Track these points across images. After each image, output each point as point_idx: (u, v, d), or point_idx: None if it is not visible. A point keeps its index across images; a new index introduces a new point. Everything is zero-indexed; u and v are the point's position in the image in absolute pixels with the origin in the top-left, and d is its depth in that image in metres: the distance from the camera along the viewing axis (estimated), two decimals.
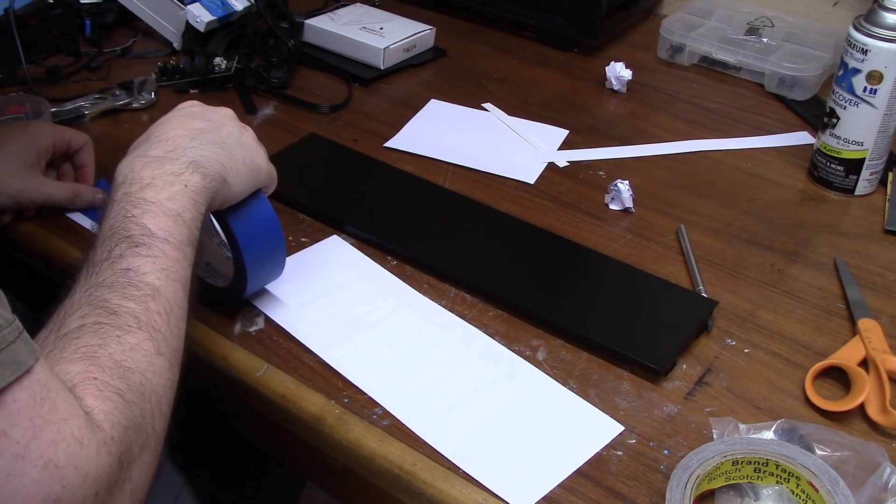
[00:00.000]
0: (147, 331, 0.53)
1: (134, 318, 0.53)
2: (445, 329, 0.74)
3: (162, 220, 0.58)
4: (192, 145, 0.64)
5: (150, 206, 0.58)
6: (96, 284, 0.54)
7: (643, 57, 1.19)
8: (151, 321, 0.54)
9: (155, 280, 0.55)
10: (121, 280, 0.54)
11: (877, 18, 0.85)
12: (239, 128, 0.69)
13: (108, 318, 0.52)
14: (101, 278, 0.55)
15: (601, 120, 1.06)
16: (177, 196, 0.60)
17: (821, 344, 0.74)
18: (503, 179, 0.94)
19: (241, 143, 0.68)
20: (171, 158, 0.62)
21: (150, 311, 0.54)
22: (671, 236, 0.86)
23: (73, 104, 1.02)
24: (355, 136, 1.01)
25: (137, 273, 0.55)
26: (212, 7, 1.13)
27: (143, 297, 0.54)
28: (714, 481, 0.61)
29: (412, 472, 0.63)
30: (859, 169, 0.91)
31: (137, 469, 0.49)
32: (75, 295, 0.54)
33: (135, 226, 0.57)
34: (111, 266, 0.55)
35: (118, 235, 0.57)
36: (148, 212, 0.58)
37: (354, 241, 0.84)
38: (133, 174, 0.60)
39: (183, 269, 0.58)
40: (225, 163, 0.65)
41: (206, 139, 0.65)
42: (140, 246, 0.56)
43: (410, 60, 1.17)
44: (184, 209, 0.60)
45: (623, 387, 0.69)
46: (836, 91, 0.90)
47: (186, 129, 0.65)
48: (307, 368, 0.71)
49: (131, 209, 0.58)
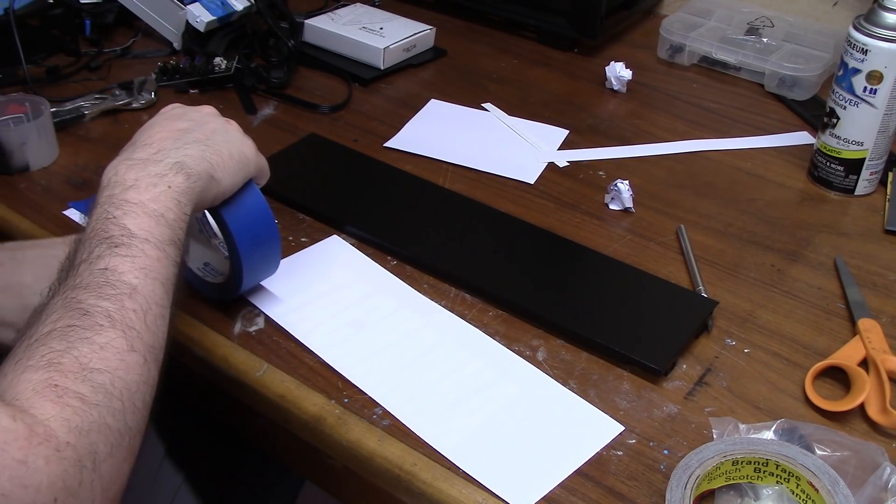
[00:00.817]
0: (120, 329, 0.53)
1: (107, 318, 0.53)
2: (445, 329, 0.74)
3: (143, 220, 0.58)
4: (177, 146, 0.64)
5: (132, 206, 0.59)
6: (73, 286, 0.55)
7: (643, 57, 1.19)
8: (125, 319, 0.54)
9: (133, 279, 0.56)
10: (97, 280, 0.55)
11: (877, 18, 0.85)
12: (223, 122, 0.70)
13: (80, 319, 0.52)
14: (78, 280, 0.55)
15: (601, 120, 1.06)
16: (160, 197, 0.60)
17: (821, 344, 0.74)
18: (503, 179, 0.94)
19: (227, 137, 0.68)
20: (156, 160, 0.62)
21: (125, 309, 0.54)
22: (671, 236, 0.86)
23: (73, 104, 1.02)
24: (355, 136, 1.01)
25: (115, 272, 0.55)
26: (212, 7, 1.13)
27: (119, 295, 0.54)
28: (714, 481, 0.61)
29: (412, 472, 0.63)
30: (859, 169, 0.91)
31: (108, 466, 0.50)
32: (52, 299, 0.55)
33: (115, 227, 0.58)
34: (89, 267, 0.56)
35: (98, 237, 0.57)
36: (129, 213, 0.58)
37: (354, 241, 0.84)
38: (117, 177, 0.61)
39: (164, 267, 0.58)
40: (211, 160, 0.65)
41: (190, 138, 0.65)
42: (119, 246, 0.57)
43: (410, 60, 1.17)
44: (167, 209, 0.60)
45: (623, 387, 0.69)
46: (836, 91, 0.90)
47: (170, 132, 0.65)
48: (307, 368, 0.71)
49: (113, 210, 0.58)
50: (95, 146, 0.98)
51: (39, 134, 0.93)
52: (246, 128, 1.02)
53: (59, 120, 0.99)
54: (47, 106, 0.95)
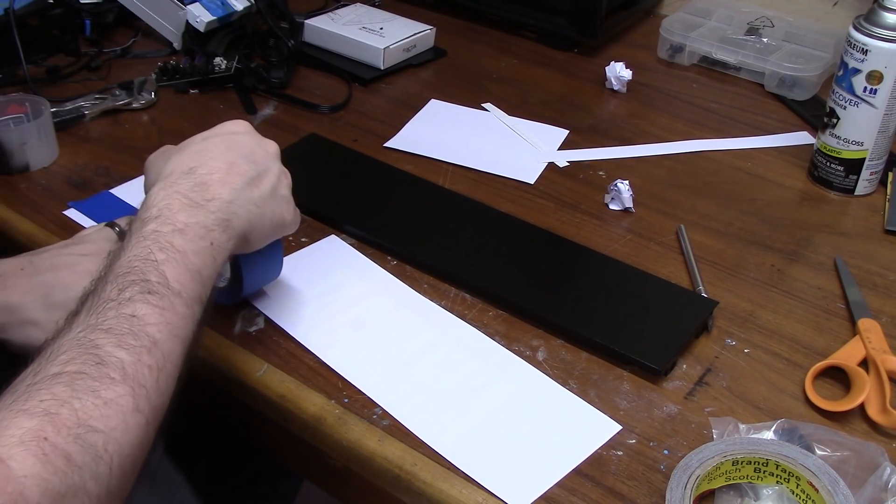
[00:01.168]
0: (130, 385, 0.52)
1: (120, 370, 0.52)
2: (442, 328, 0.74)
3: (182, 272, 0.58)
4: (230, 198, 0.63)
5: (176, 254, 0.58)
6: (94, 326, 0.53)
7: (643, 57, 1.19)
8: (139, 374, 0.53)
9: (156, 332, 0.55)
10: (122, 326, 0.54)
11: (877, 18, 0.85)
12: (279, 176, 0.69)
13: (92, 367, 0.51)
14: (101, 319, 0.54)
15: (601, 120, 1.06)
16: (202, 252, 0.60)
17: (821, 344, 0.74)
18: (503, 179, 0.94)
19: (276, 195, 0.68)
20: (208, 210, 0.62)
21: (140, 364, 0.53)
22: (671, 236, 0.86)
23: (73, 104, 1.02)
24: (355, 136, 1.01)
25: (141, 322, 0.54)
26: (212, 7, 1.13)
27: (139, 348, 0.53)
28: (714, 481, 0.61)
29: (412, 472, 0.63)
30: (859, 169, 0.91)
31: None
32: (70, 332, 0.53)
33: (154, 272, 0.57)
34: (117, 308, 0.54)
35: (134, 275, 0.56)
36: (171, 260, 0.58)
37: (354, 241, 0.84)
38: (169, 213, 0.60)
39: (187, 326, 0.58)
40: (253, 221, 0.65)
41: (244, 195, 0.65)
42: (153, 294, 0.56)
43: (410, 60, 1.17)
44: (204, 266, 0.60)
45: (623, 387, 0.69)
46: (836, 91, 0.90)
47: (231, 175, 0.64)
48: (307, 368, 0.71)
49: (157, 253, 0.58)
50: (95, 146, 0.98)
51: (39, 134, 0.93)
52: None
53: (59, 120, 0.99)
54: (47, 106, 0.95)
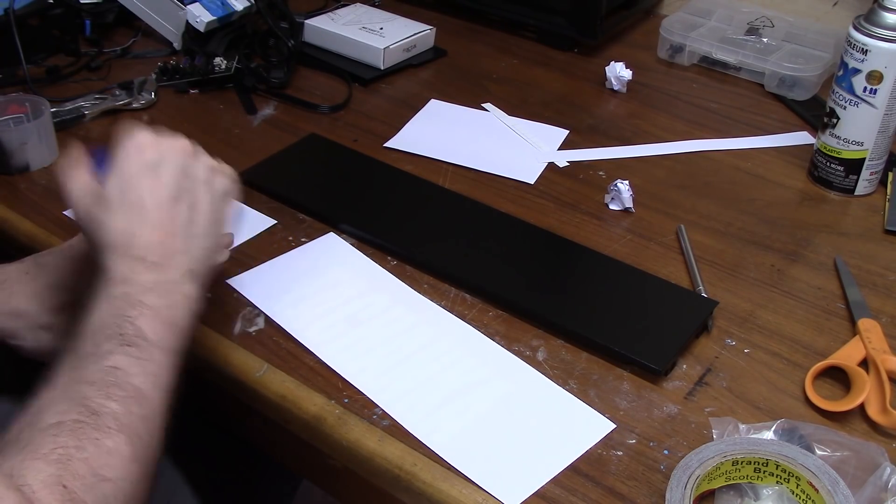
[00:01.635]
0: (126, 433, 0.52)
1: (114, 420, 0.52)
2: (439, 327, 0.74)
3: (157, 325, 0.58)
4: (184, 248, 0.63)
5: (148, 310, 0.58)
6: (78, 380, 0.53)
7: (643, 57, 1.19)
8: (132, 425, 0.53)
9: (141, 384, 0.55)
10: (105, 378, 0.54)
11: (877, 18, 0.85)
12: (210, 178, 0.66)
13: (89, 417, 0.51)
14: (83, 373, 0.54)
15: (601, 120, 1.06)
16: (176, 304, 0.60)
17: (821, 344, 0.74)
18: (503, 179, 0.94)
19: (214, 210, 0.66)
20: (171, 266, 0.62)
21: (132, 415, 0.53)
22: (671, 236, 0.86)
23: (73, 104, 1.02)
24: (355, 136, 1.01)
25: (124, 373, 0.54)
26: (212, 7, 1.13)
27: (127, 398, 0.53)
28: (714, 481, 0.61)
29: (412, 473, 0.63)
30: (859, 169, 0.91)
31: None
32: (55, 389, 0.53)
33: (129, 325, 0.57)
34: (97, 361, 0.54)
35: (110, 331, 0.56)
36: (144, 315, 0.58)
37: (354, 241, 0.84)
38: (135, 277, 0.60)
39: (168, 376, 0.58)
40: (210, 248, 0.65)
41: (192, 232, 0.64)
42: (132, 346, 0.56)
43: (410, 60, 1.17)
44: (181, 317, 0.60)
45: (623, 387, 0.69)
46: (836, 91, 0.90)
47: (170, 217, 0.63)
48: (307, 368, 0.71)
49: (129, 310, 0.58)
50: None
51: (39, 134, 0.93)
52: (246, 128, 1.03)
53: (59, 120, 0.99)
54: (47, 106, 0.95)
